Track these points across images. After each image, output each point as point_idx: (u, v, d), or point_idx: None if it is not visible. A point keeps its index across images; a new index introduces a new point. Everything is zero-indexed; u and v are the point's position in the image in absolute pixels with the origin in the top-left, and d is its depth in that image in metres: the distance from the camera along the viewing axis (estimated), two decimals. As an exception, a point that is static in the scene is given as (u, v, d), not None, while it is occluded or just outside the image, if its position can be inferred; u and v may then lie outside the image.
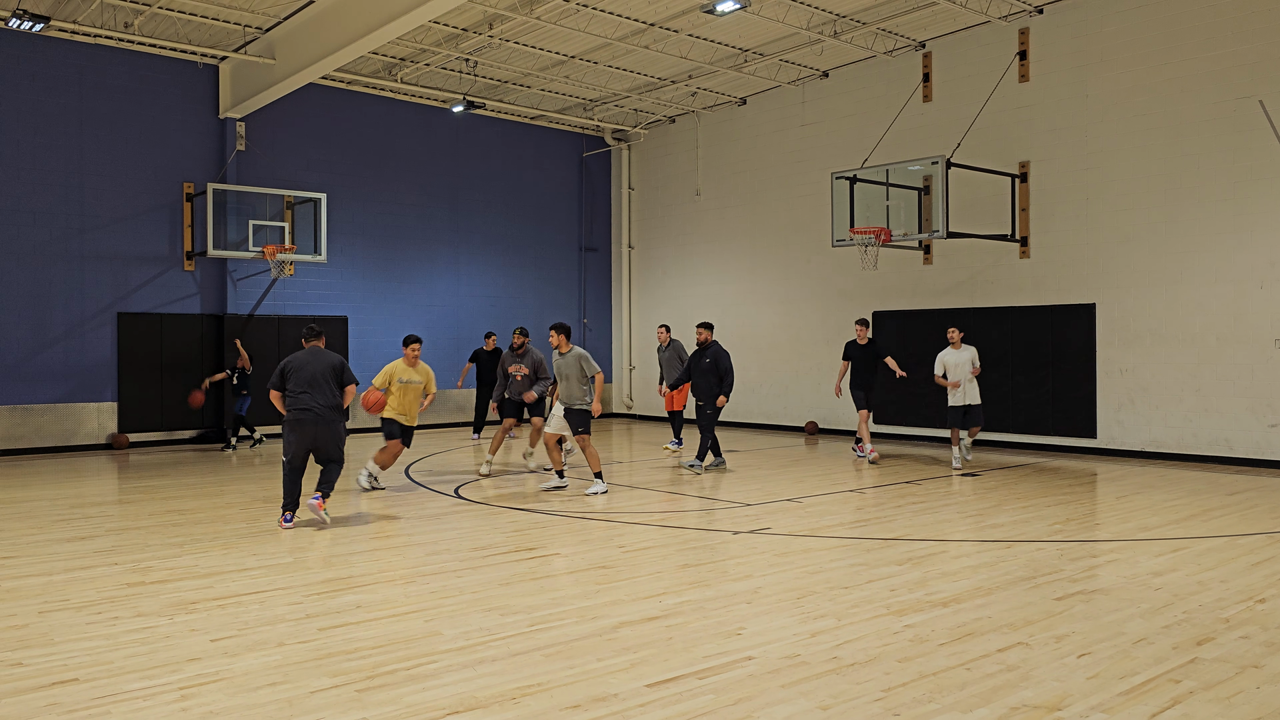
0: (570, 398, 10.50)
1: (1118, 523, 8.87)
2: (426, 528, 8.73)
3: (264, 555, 7.52)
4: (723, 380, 12.29)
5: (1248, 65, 12.58)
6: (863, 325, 13.37)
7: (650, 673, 4.74)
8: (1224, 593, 6.27)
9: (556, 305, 21.16)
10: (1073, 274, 14.37)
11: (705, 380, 12.36)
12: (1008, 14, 14.70)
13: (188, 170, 16.58)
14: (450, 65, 17.40)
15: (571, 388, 10.50)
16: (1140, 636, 5.32)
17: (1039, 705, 4.30)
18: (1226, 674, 4.71)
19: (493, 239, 20.36)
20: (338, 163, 18.17)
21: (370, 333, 18.53)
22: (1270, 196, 12.44)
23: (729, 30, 15.67)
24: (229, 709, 4.28)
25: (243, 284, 17.07)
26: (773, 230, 18.78)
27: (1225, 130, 12.81)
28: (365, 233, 18.53)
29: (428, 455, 14.51)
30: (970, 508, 9.75)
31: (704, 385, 12.36)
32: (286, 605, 6.04)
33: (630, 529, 8.61)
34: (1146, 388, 13.61)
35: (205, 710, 4.27)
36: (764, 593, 6.32)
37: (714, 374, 12.32)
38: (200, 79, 16.67)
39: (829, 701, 4.35)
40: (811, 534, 8.29)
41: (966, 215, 14.67)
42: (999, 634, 5.36)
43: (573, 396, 10.50)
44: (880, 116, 16.52)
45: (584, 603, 6.07)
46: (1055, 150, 14.51)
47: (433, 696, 4.43)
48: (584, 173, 21.84)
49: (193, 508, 9.84)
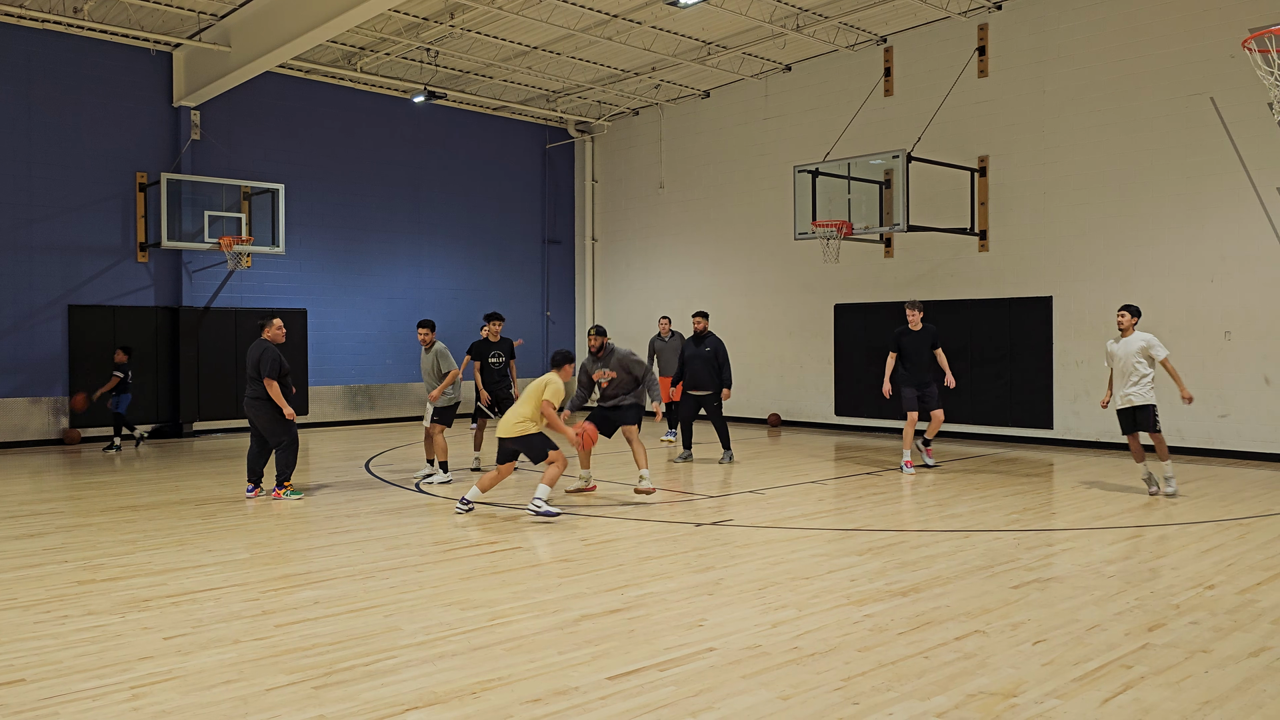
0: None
1: (1073, 512, 9.01)
2: (386, 522, 8.65)
3: (219, 551, 7.41)
4: (722, 370, 12.29)
5: (1199, 63, 12.79)
6: (915, 309, 11.56)
7: (611, 665, 4.74)
8: (1174, 580, 6.39)
9: (519, 297, 21.07)
10: (1030, 267, 14.55)
11: (706, 369, 12.31)
12: (967, 9, 14.83)
13: (141, 160, 16.27)
14: (411, 55, 17.23)
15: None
16: (1094, 623, 5.40)
17: (995, 692, 4.35)
18: (1176, 659, 4.80)
19: (455, 231, 20.21)
20: (296, 153, 17.93)
21: (330, 325, 18.33)
22: (1221, 192, 12.67)
23: (692, 23, 15.65)
24: (182, 708, 4.21)
25: (198, 276, 16.80)
26: (736, 223, 18.82)
27: (1178, 127, 13.03)
28: (325, 224, 18.30)
29: (389, 449, 14.39)
30: (930, 498, 9.84)
31: (705, 374, 12.30)
32: (242, 602, 5.95)
33: (593, 522, 8.59)
34: (1102, 379, 13.80)
35: (157, 710, 4.19)
36: (726, 584, 6.34)
37: (714, 363, 12.31)
38: (153, 66, 16.35)
39: (789, 691, 4.37)
40: (774, 525, 8.33)
41: (927, 209, 14.79)
42: (956, 622, 5.42)
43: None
44: (842, 110, 16.60)
45: (545, 596, 6.04)
46: (1013, 145, 14.67)
47: (392, 692, 4.39)
48: (547, 164, 21.74)
49: (146, 504, 9.68)
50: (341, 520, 8.76)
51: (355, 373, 18.73)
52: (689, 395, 12.49)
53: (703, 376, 12.30)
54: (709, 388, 12.32)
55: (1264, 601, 5.84)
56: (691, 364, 12.37)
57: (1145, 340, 9.42)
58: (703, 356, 12.29)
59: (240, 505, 9.49)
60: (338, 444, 15.24)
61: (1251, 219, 12.44)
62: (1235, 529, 8.05)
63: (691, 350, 12.41)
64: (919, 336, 11.53)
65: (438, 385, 11.01)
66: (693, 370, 12.35)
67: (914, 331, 11.54)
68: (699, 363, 12.30)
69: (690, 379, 12.40)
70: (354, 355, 18.72)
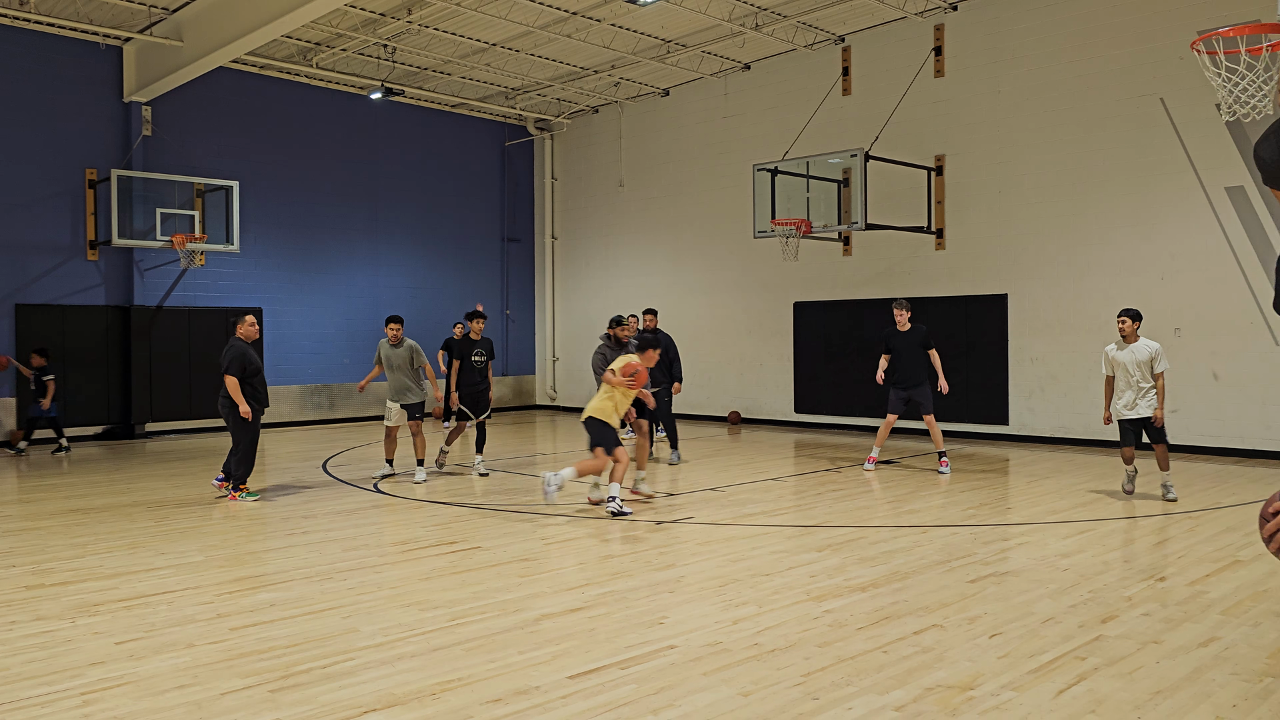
0: None
1: (1028, 506, 9.14)
2: (344, 523, 8.56)
3: (173, 554, 7.28)
4: (673, 365, 12.29)
5: (1150, 64, 13.03)
6: (902, 308, 11.50)
7: (572, 664, 4.72)
8: (1127, 572, 6.51)
9: (479, 296, 20.93)
10: (986, 265, 14.74)
11: (658, 366, 12.28)
12: (924, 10, 14.98)
13: (90, 156, 15.94)
14: (368, 51, 17.05)
15: None
16: (1049, 616, 5.48)
17: (953, 685, 4.39)
18: (1129, 650, 4.88)
19: (413, 228, 20.04)
20: (251, 149, 17.67)
21: (286, 325, 18.08)
22: (1170, 192, 12.92)
23: (651, 21, 15.66)
24: (134, 714, 4.13)
25: (150, 274, 16.50)
26: (696, 221, 18.86)
27: (1129, 127, 13.27)
28: (280, 222, 18.06)
29: (347, 449, 14.24)
30: (888, 494, 9.94)
31: (657, 371, 12.26)
32: (196, 605, 5.85)
33: (553, 521, 8.56)
34: (1056, 376, 14.04)
35: (109, 716, 4.11)
36: (686, 582, 6.35)
37: (665, 359, 12.29)
38: (103, 61, 16.03)
39: (750, 688, 4.38)
40: (734, 523, 8.36)
41: (885, 207, 14.93)
42: (915, 617, 5.47)
43: None
44: (801, 109, 16.70)
45: (505, 596, 6.01)
46: (969, 144, 14.85)
47: (349, 694, 4.34)
48: (506, 162, 21.63)
49: (97, 506, 9.49)
50: (299, 521, 8.65)
51: (312, 372, 18.51)
52: None
53: (655, 374, 12.27)
54: (659, 384, 12.34)
55: (1213, 593, 5.96)
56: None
57: (1154, 350, 8.88)
58: None
59: (194, 508, 9.33)
60: (295, 444, 15.05)
61: (1200, 218, 12.70)
62: (1185, 522, 8.22)
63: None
64: (908, 337, 11.43)
65: (411, 381, 10.97)
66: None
67: (902, 332, 11.46)
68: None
69: None
70: (311, 355, 18.50)
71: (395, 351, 11.00)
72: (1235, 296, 12.43)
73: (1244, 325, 12.37)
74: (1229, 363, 12.50)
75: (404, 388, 11.01)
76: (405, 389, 11.02)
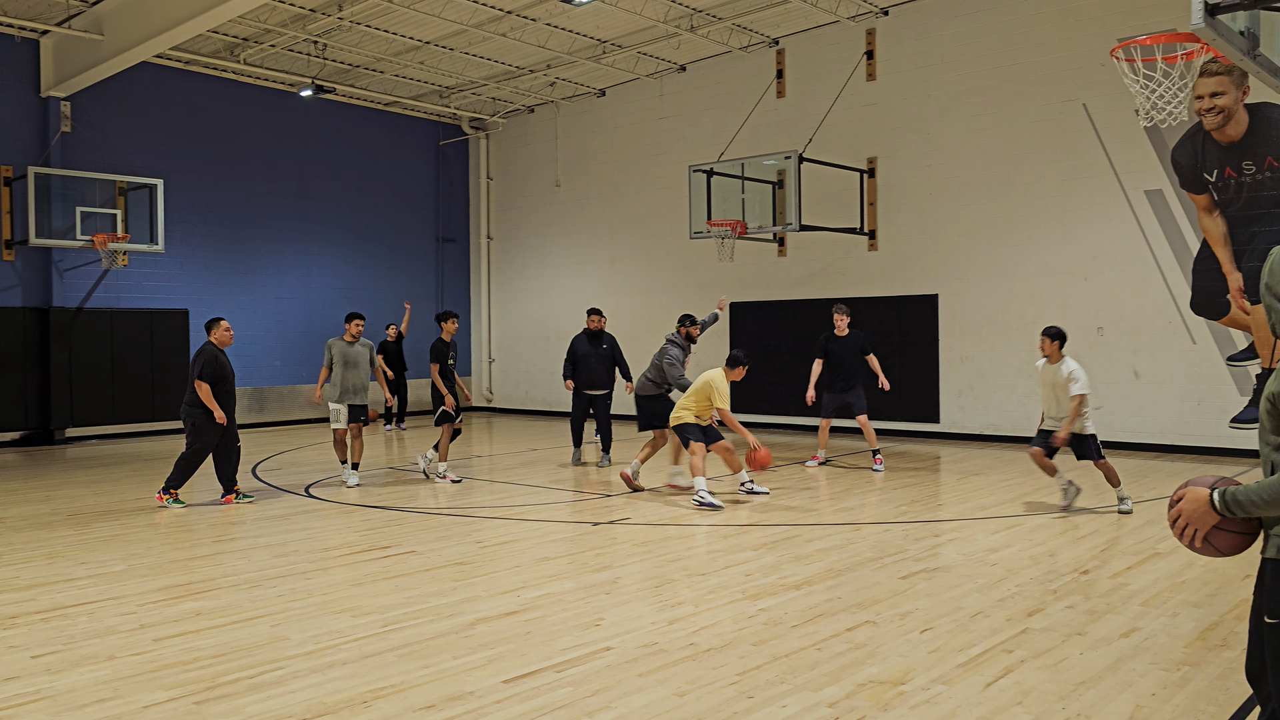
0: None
1: (958, 503, 9.32)
2: (273, 529, 8.38)
3: (94, 564, 7.05)
4: (619, 366, 12.31)
5: (1073, 70, 13.39)
6: (842, 313, 11.63)
7: (507, 668, 4.68)
8: (1052, 566, 6.67)
9: (413, 297, 20.64)
10: (917, 266, 15.00)
11: (604, 367, 12.25)
12: (855, 14, 15.19)
13: (5, 152, 15.37)
14: (297, 47, 16.73)
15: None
16: (977, 610, 5.59)
17: (884, 680, 4.46)
18: (1054, 642, 5.00)
19: (345, 228, 19.72)
20: (176, 147, 17.21)
21: (214, 326, 17.64)
22: (1092, 194, 13.30)
23: (587, 21, 15.62)
24: (50, 730, 3.99)
25: (70, 275, 15.98)
26: (632, 222, 18.87)
27: (1053, 131, 13.61)
28: (207, 221, 17.62)
29: (277, 453, 13.95)
30: (822, 492, 10.05)
31: (603, 373, 12.24)
32: (118, 616, 5.67)
33: (489, 523, 8.49)
34: (984, 374, 14.35)
35: (23, 733, 3.96)
36: (623, 583, 6.34)
37: (611, 361, 12.28)
38: (18, 54, 15.47)
39: (685, 688, 4.39)
40: (671, 523, 8.37)
41: (818, 209, 15.10)
42: (848, 614, 5.53)
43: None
44: (736, 111, 16.81)
45: (440, 600, 5.94)
46: (900, 147, 15.10)
47: (278, 705, 4.24)
48: (440, 162, 21.41)
49: (14, 515, 9.15)
50: (226, 528, 8.44)
51: (241, 375, 18.05)
52: (583, 394, 12.32)
53: (600, 375, 12.23)
54: (606, 387, 12.30)
55: (1134, 584, 6.14)
56: (587, 362, 12.24)
57: (1070, 371, 8.49)
58: (599, 355, 12.23)
59: (116, 515, 9.05)
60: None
61: (1121, 220, 13.08)
62: (1109, 516, 8.45)
63: (587, 348, 12.28)
64: (846, 342, 11.55)
65: (366, 381, 10.75)
66: (589, 369, 12.23)
67: (841, 337, 11.57)
68: (595, 361, 12.22)
69: (587, 378, 12.25)
70: (240, 358, 17.98)
71: (356, 349, 10.70)
72: (1155, 297, 12.84)
73: (1163, 325, 12.78)
74: (1149, 361, 12.90)
75: (360, 387, 10.70)
76: (360, 389, 10.71)
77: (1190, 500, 2.57)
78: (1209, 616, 5.44)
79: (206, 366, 9.28)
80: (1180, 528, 2.59)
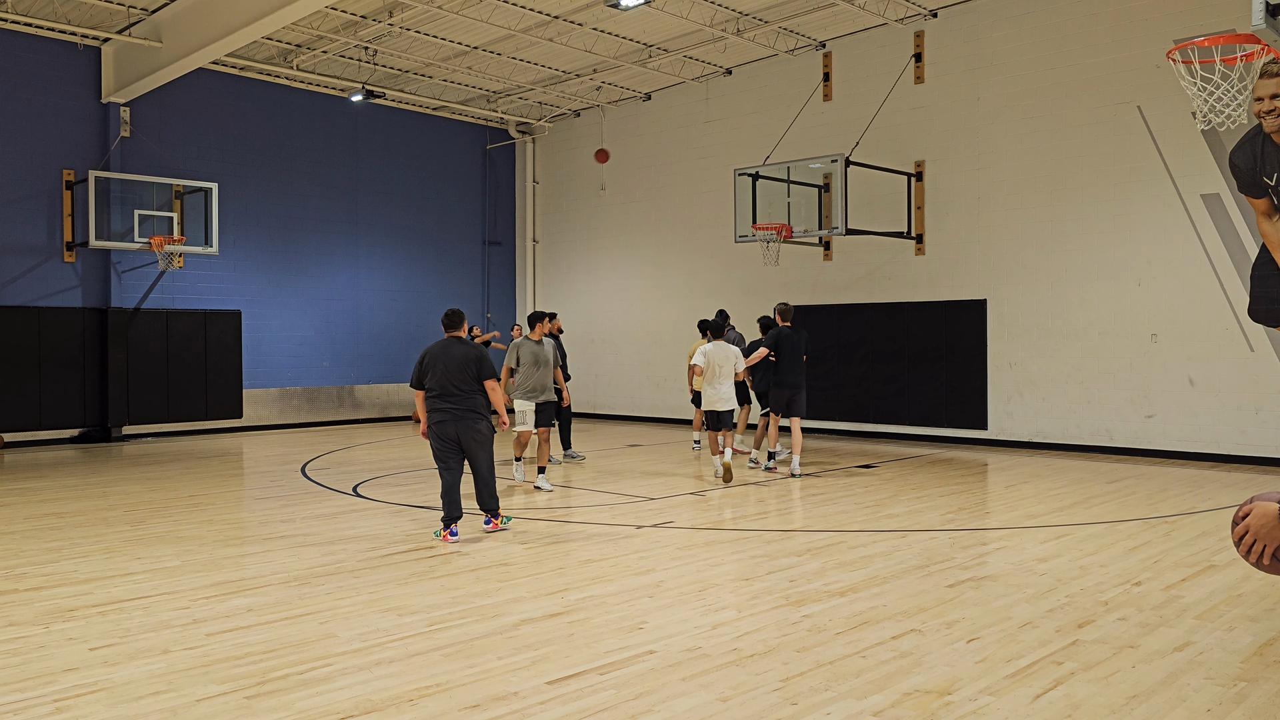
0: None
1: (1006, 511, 9.19)
2: (322, 527, 8.50)
3: (149, 559, 7.22)
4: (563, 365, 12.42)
5: (1127, 72, 13.15)
6: (788, 312, 11.87)
7: (551, 670, 4.71)
8: (1103, 577, 6.55)
9: (459, 299, 20.88)
10: (965, 271, 14.83)
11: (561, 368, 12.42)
12: (904, 17, 15.07)
13: (67, 157, 15.79)
14: (349, 53, 16.98)
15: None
16: (1026, 620, 5.51)
17: (930, 690, 4.41)
18: (1105, 654, 4.91)
19: (394, 231, 19.97)
20: (230, 151, 17.56)
21: (265, 327, 17.98)
22: (1147, 198, 13.05)
23: (633, 25, 15.67)
24: (107, 721, 4.09)
25: (128, 276, 16.36)
26: (677, 225, 18.88)
27: (1106, 134, 13.38)
28: (260, 224, 17.95)
29: (327, 453, 14.16)
30: (867, 499, 9.97)
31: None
32: (172, 610, 5.80)
33: (533, 525, 8.54)
34: (1034, 380, 14.14)
35: (81, 723, 4.07)
36: (666, 586, 6.34)
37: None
38: (81, 61, 15.89)
39: (729, 693, 4.38)
40: (714, 527, 8.36)
41: (865, 213, 14.99)
42: (893, 622, 5.49)
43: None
44: (782, 114, 16.75)
45: (484, 601, 5.99)
46: (949, 150, 14.94)
47: (326, 701, 4.31)
48: (487, 165, 21.59)
49: (73, 510, 9.39)
50: (276, 526, 8.59)
51: (291, 375, 18.40)
52: None
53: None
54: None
55: (1188, 597, 6.01)
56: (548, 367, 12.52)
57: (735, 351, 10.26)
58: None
59: (171, 512, 9.26)
60: (273, 448, 14.95)
61: (1176, 225, 12.82)
62: (1161, 526, 8.29)
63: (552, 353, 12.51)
64: (794, 339, 11.61)
65: (550, 380, 10.65)
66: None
67: (791, 334, 11.63)
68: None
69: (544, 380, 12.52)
70: (290, 357, 18.40)
71: (541, 349, 10.54)
72: (1211, 303, 12.56)
73: (1219, 331, 12.50)
74: (1204, 368, 12.62)
75: (544, 387, 10.53)
76: (545, 388, 10.53)
77: (1258, 515, 2.43)
78: (1267, 631, 5.31)
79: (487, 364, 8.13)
80: (1247, 545, 2.45)
